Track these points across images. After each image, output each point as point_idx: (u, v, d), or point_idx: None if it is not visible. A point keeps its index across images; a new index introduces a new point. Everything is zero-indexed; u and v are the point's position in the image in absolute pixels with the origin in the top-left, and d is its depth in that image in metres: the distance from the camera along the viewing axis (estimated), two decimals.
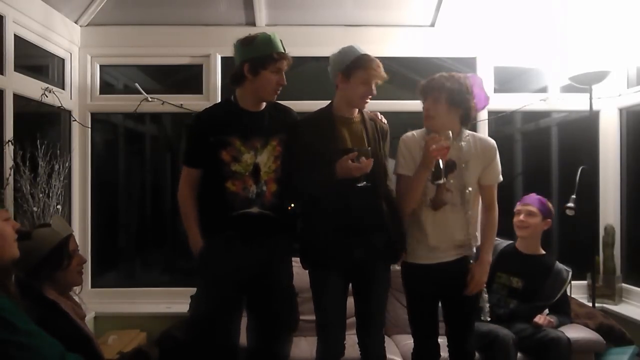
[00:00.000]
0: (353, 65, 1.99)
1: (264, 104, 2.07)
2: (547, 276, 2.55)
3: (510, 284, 2.56)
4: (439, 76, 2.01)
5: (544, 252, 2.64)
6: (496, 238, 2.45)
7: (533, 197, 2.65)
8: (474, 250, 2.09)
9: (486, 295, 2.19)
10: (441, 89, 1.97)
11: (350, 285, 2.10)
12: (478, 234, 2.12)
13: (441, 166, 1.89)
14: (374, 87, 1.99)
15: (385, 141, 2.11)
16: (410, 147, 2.05)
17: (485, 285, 2.11)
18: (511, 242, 2.69)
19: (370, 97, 2.01)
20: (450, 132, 1.90)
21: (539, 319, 2.42)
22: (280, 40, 1.99)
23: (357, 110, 2.07)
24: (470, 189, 2.01)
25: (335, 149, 1.94)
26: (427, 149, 1.88)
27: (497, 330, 2.31)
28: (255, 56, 1.95)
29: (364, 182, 1.91)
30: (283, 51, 1.98)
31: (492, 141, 2.10)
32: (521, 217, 2.61)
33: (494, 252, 2.44)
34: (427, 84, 2.01)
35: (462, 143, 2.01)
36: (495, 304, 2.49)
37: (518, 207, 2.66)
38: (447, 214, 2.01)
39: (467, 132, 2.06)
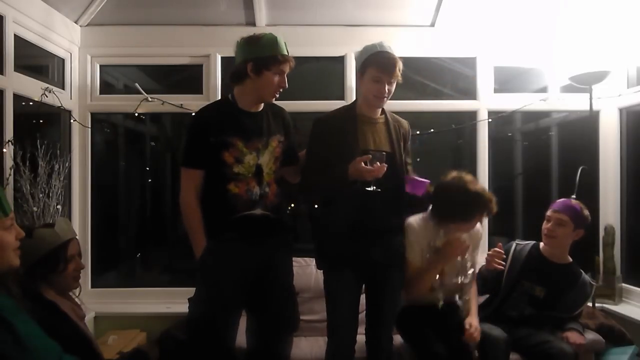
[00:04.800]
0: (367, 62, 1.98)
1: (262, 104, 2.07)
2: (572, 288, 2.41)
3: (532, 292, 2.41)
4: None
5: (570, 259, 2.48)
6: (519, 242, 2.58)
7: (566, 204, 2.41)
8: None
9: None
10: None
11: (363, 284, 2.10)
12: None
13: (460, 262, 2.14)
14: (386, 86, 1.95)
15: (407, 142, 2.12)
16: (420, 236, 2.13)
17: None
18: (534, 242, 2.54)
19: (384, 96, 1.97)
20: (468, 235, 2.17)
21: (573, 337, 2.29)
22: (285, 43, 1.99)
23: (380, 110, 2.07)
24: (467, 274, 2.26)
25: (358, 149, 1.93)
26: (451, 250, 2.09)
27: (489, 330, 2.26)
28: (260, 56, 1.94)
29: (374, 187, 1.88)
30: (287, 54, 1.98)
31: (479, 227, 2.32)
32: (549, 225, 2.40)
33: (519, 256, 2.48)
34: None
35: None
36: (510, 307, 2.42)
37: (549, 213, 2.43)
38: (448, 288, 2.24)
39: None
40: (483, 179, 3.11)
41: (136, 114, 3.02)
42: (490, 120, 3.07)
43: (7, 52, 2.39)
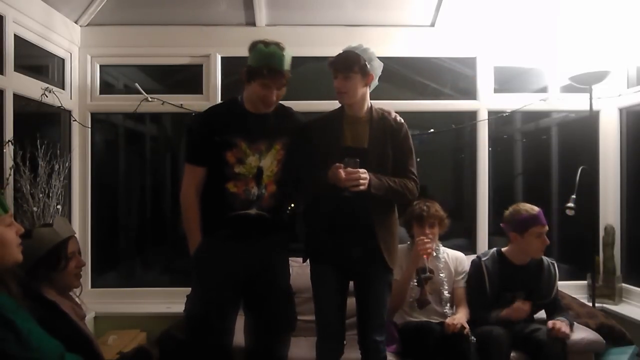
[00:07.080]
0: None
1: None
2: (542, 277, 2.51)
3: (514, 298, 2.45)
4: None
5: None
6: (481, 255, 2.64)
7: (542, 214, 2.47)
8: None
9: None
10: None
11: (352, 284, 2.12)
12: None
13: (426, 263, 2.32)
14: (341, 83, 1.99)
15: (399, 138, 2.08)
16: (402, 259, 2.35)
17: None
18: (494, 250, 2.58)
19: (341, 93, 2.00)
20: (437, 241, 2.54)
21: (557, 324, 2.31)
22: (284, 56, 1.92)
23: (366, 109, 2.08)
24: (446, 292, 2.49)
25: (337, 146, 1.99)
26: (417, 247, 2.33)
27: (491, 329, 2.31)
28: (250, 65, 1.96)
29: (347, 193, 1.88)
30: (279, 69, 1.90)
31: (462, 254, 2.64)
32: (544, 239, 2.44)
33: (491, 269, 2.53)
34: None
35: (440, 256, 2.55)
36: (496, 308, 2.46)
37: (539, 229, 2.43)
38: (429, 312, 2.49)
39: (442, 247, 2.61)
40: (483, 178, 3.11)
41: (136, 114, 3.02)
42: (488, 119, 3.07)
43: (7, 52, 2.39)
